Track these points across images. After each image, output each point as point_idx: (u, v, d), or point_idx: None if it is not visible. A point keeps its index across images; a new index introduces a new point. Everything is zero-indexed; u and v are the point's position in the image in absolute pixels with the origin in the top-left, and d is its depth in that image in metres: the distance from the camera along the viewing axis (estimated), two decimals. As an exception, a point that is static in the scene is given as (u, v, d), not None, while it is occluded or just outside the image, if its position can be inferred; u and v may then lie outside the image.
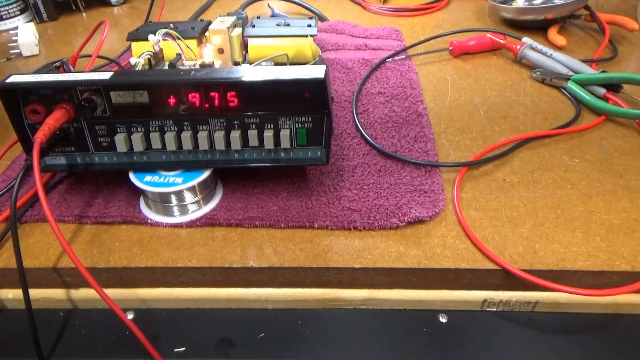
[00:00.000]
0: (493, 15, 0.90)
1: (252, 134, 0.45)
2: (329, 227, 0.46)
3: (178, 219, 0.47)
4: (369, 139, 0.56)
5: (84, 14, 1.00)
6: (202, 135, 0.45)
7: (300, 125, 0.45)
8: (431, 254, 0.43)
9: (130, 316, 0.44)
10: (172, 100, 0.43)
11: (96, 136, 0.45)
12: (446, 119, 0.61)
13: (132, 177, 0.46)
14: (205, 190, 0.48)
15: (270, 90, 0.43)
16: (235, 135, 0.45)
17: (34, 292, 0.44)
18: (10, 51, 0.83)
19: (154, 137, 0.45)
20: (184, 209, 0.47)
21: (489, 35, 0.76)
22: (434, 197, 0.48)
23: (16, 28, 0.89)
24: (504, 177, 0.51)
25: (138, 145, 0.45)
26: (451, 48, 0.76)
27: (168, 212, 0.47)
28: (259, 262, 0.43)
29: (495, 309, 0.44)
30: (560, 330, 0.43)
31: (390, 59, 0.74)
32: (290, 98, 0.43)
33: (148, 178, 0.46)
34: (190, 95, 0.43)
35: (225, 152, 0.46)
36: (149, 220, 0.47)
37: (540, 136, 0.57)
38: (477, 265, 0.42)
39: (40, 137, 0.39)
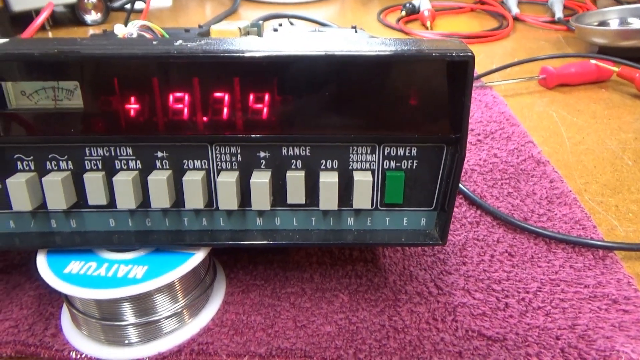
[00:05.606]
0: (577, 42, 0.71)
1: (295, 179, 0.22)
2: (448, 377, 0.22)
3: (136, 349, 0.23)
4: (476, 198, 0.33)
5: (50, 33, 0.79)
6: (192, 181, 0.22)
7: (395, 163, 0.22)
8: None
9: None
10: (132, 106, 0.20)
11: (-28, 177, 0.22)
12: (579, 170, 0.39)
13: (42, 265, 0.23)
14: (193, 292, 0.24)
15: (339, 82, 0.20)
16: (261, 181, 0.22)
17: None
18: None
19: (92, 181, 0.22)
20: (149, 330, 0.23)
21: (593, 61, 0.56)
22: (635, 312, 0.25)
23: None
24: None
25: (57, 198, 0.22)
26: (543, 76, 0.55)
27: (116, 336, 0.23)
28: None
29: None
30: None
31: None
32: (382, 100, 0.21)
33: (74, 266, 0.22)
34: (171, 95, 0.20)
35: (238, 215, 0.23)
36: (76, 354, 0.23)
37: None
38: None
39: None
